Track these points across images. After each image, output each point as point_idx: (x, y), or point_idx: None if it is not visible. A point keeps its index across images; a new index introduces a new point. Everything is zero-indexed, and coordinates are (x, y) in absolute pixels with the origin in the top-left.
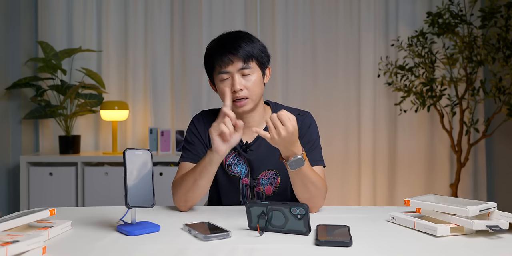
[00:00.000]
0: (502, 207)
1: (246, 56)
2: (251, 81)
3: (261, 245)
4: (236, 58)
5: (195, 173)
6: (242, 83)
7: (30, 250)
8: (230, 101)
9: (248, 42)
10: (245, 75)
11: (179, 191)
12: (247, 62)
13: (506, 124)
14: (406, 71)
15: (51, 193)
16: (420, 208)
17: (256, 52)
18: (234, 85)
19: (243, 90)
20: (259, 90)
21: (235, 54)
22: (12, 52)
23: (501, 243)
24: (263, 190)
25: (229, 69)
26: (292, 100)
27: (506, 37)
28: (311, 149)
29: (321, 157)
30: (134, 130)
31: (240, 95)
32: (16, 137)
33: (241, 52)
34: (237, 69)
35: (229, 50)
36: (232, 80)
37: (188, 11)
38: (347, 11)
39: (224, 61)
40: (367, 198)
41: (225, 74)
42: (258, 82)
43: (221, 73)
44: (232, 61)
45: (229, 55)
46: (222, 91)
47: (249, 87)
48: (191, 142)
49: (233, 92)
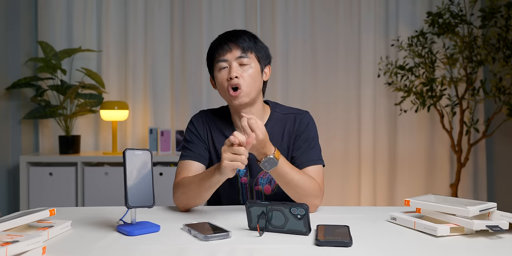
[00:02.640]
0: (502, 207)
1: (246, 46)
2: (247, 72)
3: (261, 245)
4: (235, 46)
5: (200, 186)
6: (238, 72)
7: (30, 250)
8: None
9: (250, 37)
10: (243, 65)
11: (181, 196)
12: (245, 52)
13: (506, 124)
14: (406, 71)
15: (51, 193)
16: (420, 208)
17: (257, 46)
18: (230, 72)
19: (239, 78)
20: (255, 83)
21: (235, 42)
22: (12, 52)
23: (501, 243)
24: (262, 190)
25: (227, 57)
26: (292, 100)
27: (506, 37)
28: (309, 149)
29: (320, 156)
30: (134, 130)
31: (236, 82)
32: (16, 137)
33: (241, 41)
34: (235, 57)
35: (229, 39)
36: (230, 68)
37: (188, 11)
38: (347, 11)
39: (223, 48)
40: (367, 198)
41: (224, 62)
42: (254, 74)
43: (219, 61)
44: (230, 49)
45: (228, 43)
46: (220, 81)
47: (244, 77)
48: (190, 141)
49: (229, 79)
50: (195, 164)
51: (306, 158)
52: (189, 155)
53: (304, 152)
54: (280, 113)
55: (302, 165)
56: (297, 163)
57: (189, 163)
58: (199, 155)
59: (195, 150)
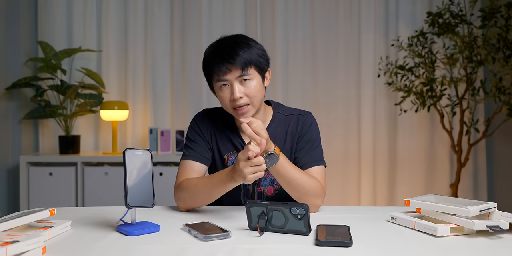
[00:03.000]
0: (502, 207)
1: (244, 63)
2: (250, 87)
3: (261, 245)
4: (234, 66)
5: (211, 192)
6: (241, 91)
7: (30, 250)
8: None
9: (246, 48)
10: (245, 81)
11: (187, 199)
12: (245, 69)
13: (506, 124)
14: (406, 71)
15: (51, 193)
16: (420, 208)
17: (254, 58)
18: (233, 94)
19: (243, 97)
20: (259, 96)
21: (233, 63)
22: (12, 52)
23: (501, 243)
24: (264, 191)
25: (227, 77)
26: (292, 100)
27: (506, 37)
28: (311, 149)
29: (322, 157)
30: (134, 130)
31: (241, 103)
32: (16, 137)
33: (239, 60)
34: (236, 77)
35: (226, 59)
36: (231, 88)
37: (188, 11)
38: (347, 11)
39: (221, 70)
40: (367, 198)
41: (224, 82)
42: (258, 87)
43: (219, 81)
44: (230, 70)
45: (227, 64)
46: (223, 99)
47: (249, 94)
48: (193, 140)
49: (233, 100)
50: (197, 165)
51: (309, 158)
52: (191, 155)
53: (307, 152)
54: (282, 114)
55: (305, 165)
56: (300, 164)
57: (191, 164)
58: (201, 156)
59: (197, 150)
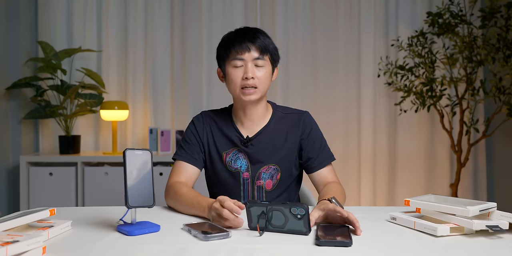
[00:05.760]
0: (502, 207)
1: (263, 47)
2: (262, 72)
3: (261, 245)
4: (254, 47)
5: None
6: (254, 72)
7: (30, 250)
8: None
9: (266, 37)
10: (258, 66)
11: (172, 202)
12: (262, 54)
13: (506, 124)
14: (406, 71)
15: (51, 193)
16: (420, 208)
17: (271, 48)
18: (246, 72)
19: (254, 78)
20: (267, 84)
21: (254, 43)
22: (12, 52)
23: (501, 243)
24: (263, 185)
25: (244, 57)
26: (292, 100)
27: (506, 37)
28: (321, 148)
29: (331, 152)
30: (134, 130)
31: (251, 83)
32: (16, 137)
33: (259, 43)
34: (252, 59)
35: (248, 38)
36: (245, 67)
37: (188, 11)
38: (347, 11)
39: (242, 47)
40: (367, 198)
41: (239, 61)
42: (268, 75)
43: (235, 59)
44: (249, 49)
45: (248, 43)
46: (234, 78)
47: (260, 78)
48: (188, 141)
49: (245, 78)
50: (189, 168)
51: (323, 157)
52: (182, 156)
53: (319, 153)
54: (281, 112)
55: (321, 164)
56: (315, 164)
57: (184, 166)
58: (192, 158)
59: (189, 152)
